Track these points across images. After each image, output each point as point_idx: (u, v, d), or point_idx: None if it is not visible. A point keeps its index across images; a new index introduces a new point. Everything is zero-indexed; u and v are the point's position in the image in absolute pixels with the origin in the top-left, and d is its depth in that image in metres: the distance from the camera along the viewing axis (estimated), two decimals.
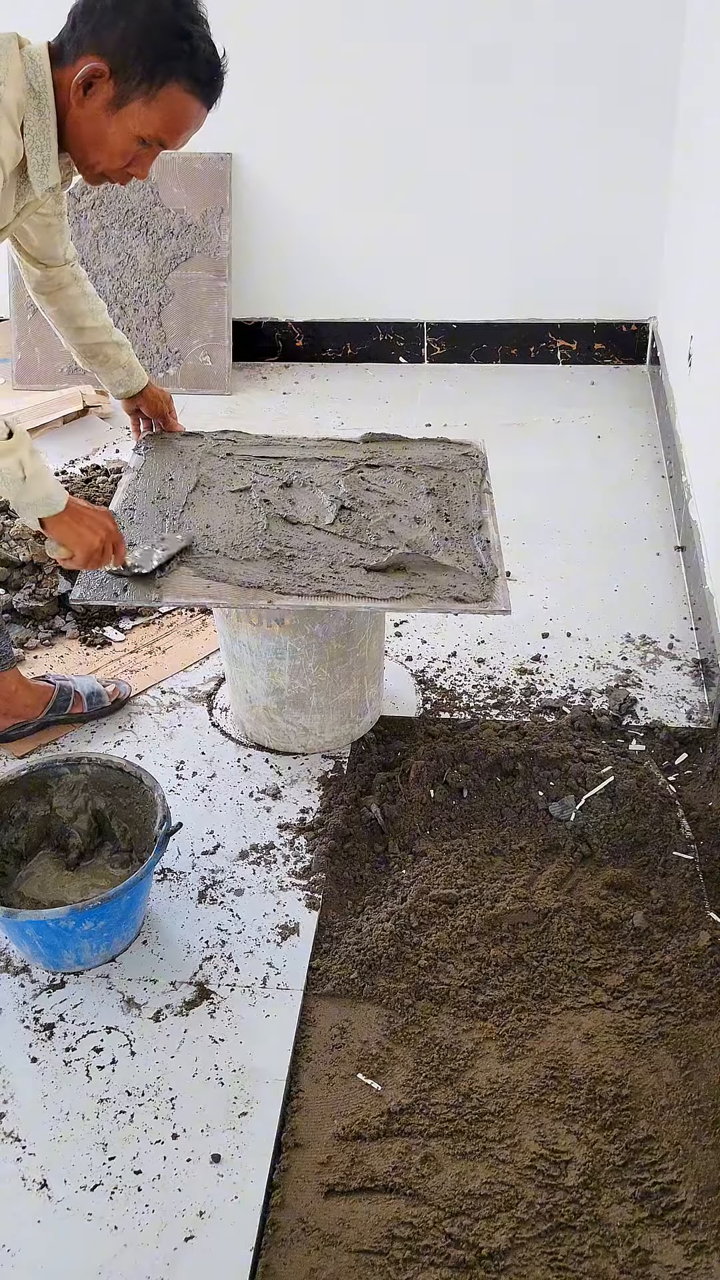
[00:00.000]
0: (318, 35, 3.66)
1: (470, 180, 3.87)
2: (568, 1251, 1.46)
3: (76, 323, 2.16)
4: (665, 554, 3.01)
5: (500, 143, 3.79)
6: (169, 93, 1.66)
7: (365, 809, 2.15)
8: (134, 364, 2.26)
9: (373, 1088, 1.67)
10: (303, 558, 2.03)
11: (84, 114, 1.67)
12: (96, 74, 1.63)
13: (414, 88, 3.73)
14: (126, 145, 1.70)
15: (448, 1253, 1.46)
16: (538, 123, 3.74)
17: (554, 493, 3.31)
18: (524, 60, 3.65)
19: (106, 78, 1.64)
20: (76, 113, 1.68)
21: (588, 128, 3.73)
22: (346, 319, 4.16)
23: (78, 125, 1.69)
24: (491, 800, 2.16)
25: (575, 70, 3.64)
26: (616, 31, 3.57)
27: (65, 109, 1.68)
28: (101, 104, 1.66)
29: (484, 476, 2.30)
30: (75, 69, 1.64)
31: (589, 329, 4.08)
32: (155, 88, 1.65)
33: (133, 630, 2.74)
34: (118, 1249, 1.49)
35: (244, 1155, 1.60)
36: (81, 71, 1.63)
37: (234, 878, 2.04)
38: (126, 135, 1.69)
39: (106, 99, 1.66)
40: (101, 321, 2.18)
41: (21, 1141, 1.63)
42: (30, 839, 2.01)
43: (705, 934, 1.87)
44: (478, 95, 3.72)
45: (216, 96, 1.73)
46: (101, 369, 2.23)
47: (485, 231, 3.95)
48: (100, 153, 1.72)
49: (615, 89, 3.66)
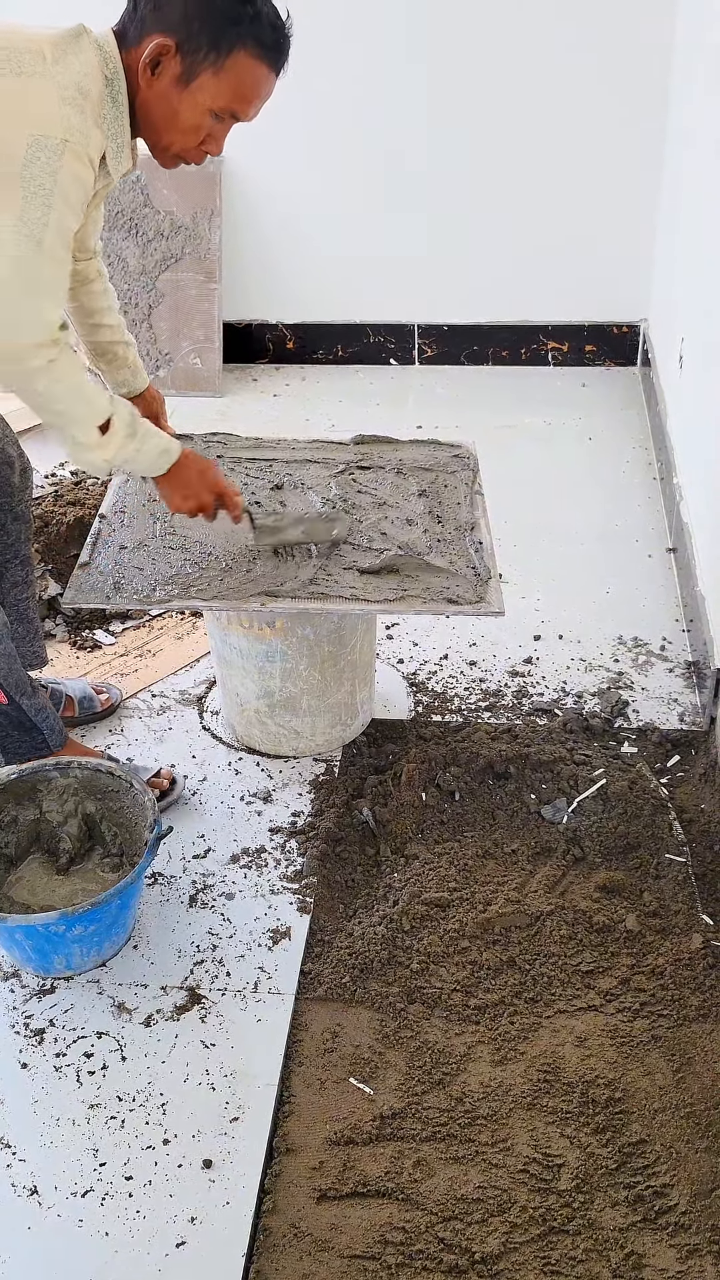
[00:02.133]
0: (308, 37, 3.64)
1: (462, 182, 3.87)
2: (560, 1255, 1.45)
3: (95, 319, 2.12)
4: (657, 556, 3.01)
5: (492, 145, 3.79)
6: (236, 60, 1.63)
7: (357, 812, 2.14)
8: (139, 364, 2.26)
9: (365, 1092, 1.67)
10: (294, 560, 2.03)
11: (154, 94, 1.66)
12: (163, 50, 1.61)
13: (405, 89, 3.73)
14: (199, 120, 1.68)
15: (440, 1257, 1.45)
16: (529, 125, 3.74)
17: (545, 495, 3.31)
18: (515, 63, 3.65)
19: (173, 53, 1.62)
20: (146, 94, 1.66)
21: (579, 130, 3.73)
22: (337, 321, 4.16)
23: (149, 107, 1.67)
24: (483, 803, 2.16)
25: (566, 73, 3.64)
26: (607, 34, 3.57)
27: (135, 92, 1.66)
28: (170, 81, 1.64)
29: (475, 478, 2.30)
30: (141, 50, 1.62)
31: (580, 331, 4.09)
32: (222, 57, 1.62)
33: (123, 633, 2.74)
34: (109, 1255, 1.48)
35: (235, 1160, 1.59)
36: (148, 50, 1.61)
37: (225, 882, 2.04)
38: (198, 110, 1.67)
39: (175, 75, 1.64)
40: (116, 320, 2.18)
41: (11, 1148, 1.62)
42: (20, 843, 2.00)
43: (698, 936, 1.87)
44: (469, 98, 3.72)
45: (284, 62, 1.70)
46: (109, 367, 2.22)
47: (476, 233, 3.95)
48: (174, 132, 1.70)
49: (606, 91, 3.66)
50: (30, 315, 1.58)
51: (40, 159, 1.52)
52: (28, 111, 1.53)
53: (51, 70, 1.56)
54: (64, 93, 1.56)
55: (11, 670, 1.98)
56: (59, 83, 1.56)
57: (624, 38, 3.57)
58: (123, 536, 2.10)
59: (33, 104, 1.54)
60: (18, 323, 1.58)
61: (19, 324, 1.58)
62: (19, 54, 1.55)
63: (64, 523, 2.82)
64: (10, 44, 1.56)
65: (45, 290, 1.59)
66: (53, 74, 1.56)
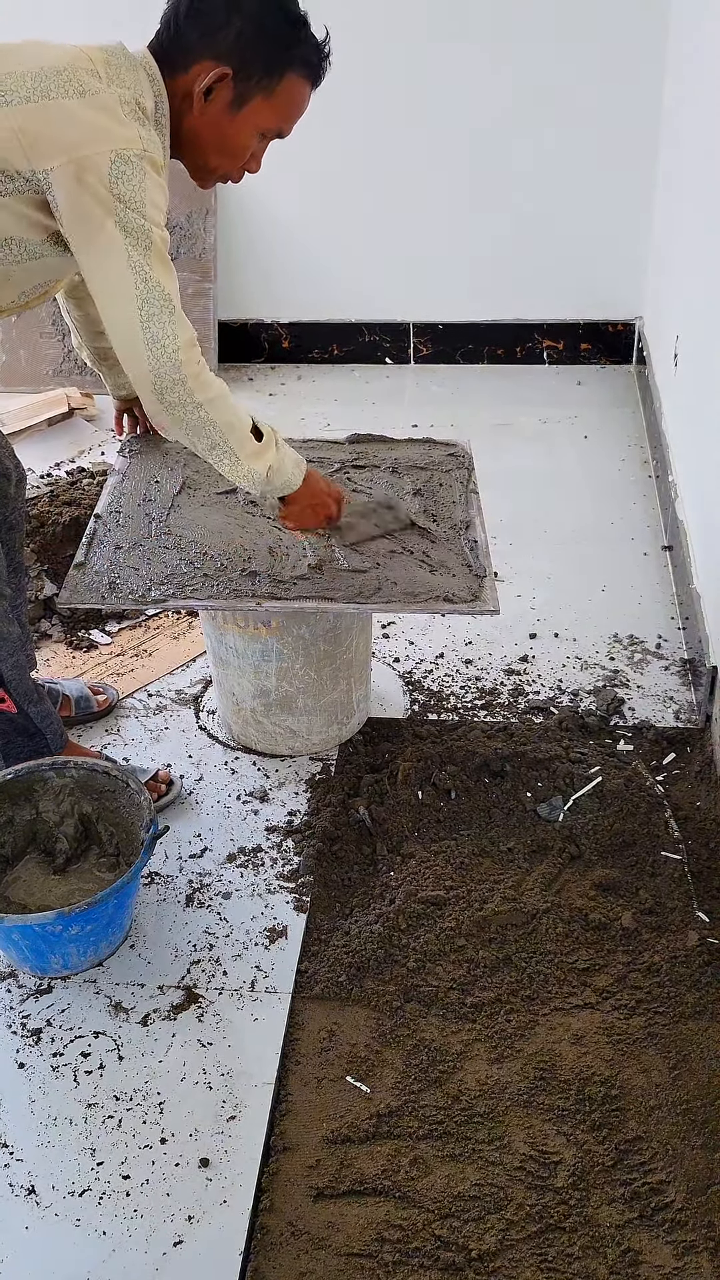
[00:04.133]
0: None
1: (457, 181, 3.87)
2: (557, 1253, 1.46)
3: (99, 327, 2.10)
4: (652, 554, 3.01)
5: (487, 144, 3.79)
6: (288, 84, 1.64)
7: (353, 811, 2.14)
8: None
9: (362, 1090, 1.67)
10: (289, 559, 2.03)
11: (205, 120, 1.65)
12: (220, 78, 1.61)
13: (399, 89, 3.73)
14: (248, 143, 1.69)
15: (437, 1255, 1.46)
16: (525, 123, 3.75)
17: (541, 493, 3.31)
18: (510, 61, 3.65)
19: (228, 81, 1.61)
20: (197, 120, 1.65)
21: (574, 128, 3.73)
22: (333, 320, 4.16)
23: (197, 132, 1.66)
24: (479, 801, 2.16)
25: (560, 71, 3.64)
26: (601, 33, 3.57)
27: (179, 116, 1.65)
28: (222, 107, 1.64)
29: (470, 477, 2.30)
30: (190, 77, 1.61)
31: (575, 329, 4.09)
32: (274, 81, 1.63)
33: (119, 633, 2.74)
34: (106, 1254, 1.49)
35: (233, 1159, 1.59)
36: (206, 79, 1.60)
37: (221, 881, 2.04)
38: (249, 134, 1.67)
39: (226, 102, 1.63)
40: None
41: (9, 1147, 1.62)
42: (17, 843, 2.00)
43: (693, 934, 1.88)
44: (464, 96, 3.72)
45: (324, 76, 1.71)
46: (110, 371, 2.23)
47: (471, 232, 3.95)
48: (222, 155, 1.70)
49: (600, 89, 3.66)
50: (168, 328, 1.58)
51: (126, 174, 1.52)
52: (102, 129, 1.52)
53: (110, 88, 1.55)
54: (126, 108, 1.56)
55: (22, 680, 1.98)
56: (121, 99, 1.55)
57: (618, 37, 3.57)
58: (118, 536, 2.10)
59: (105, 122, 1.53)
60: (162, 341, 1.58)
61: (162, 342, 1.58)
62: (77, 74, 1.54)
63: (60, 523, 2.82)
64: (62, 64, 1.54)
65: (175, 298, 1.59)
66: (113, 91, 1.55)
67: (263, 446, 1.75)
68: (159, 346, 1.58)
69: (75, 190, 1.51)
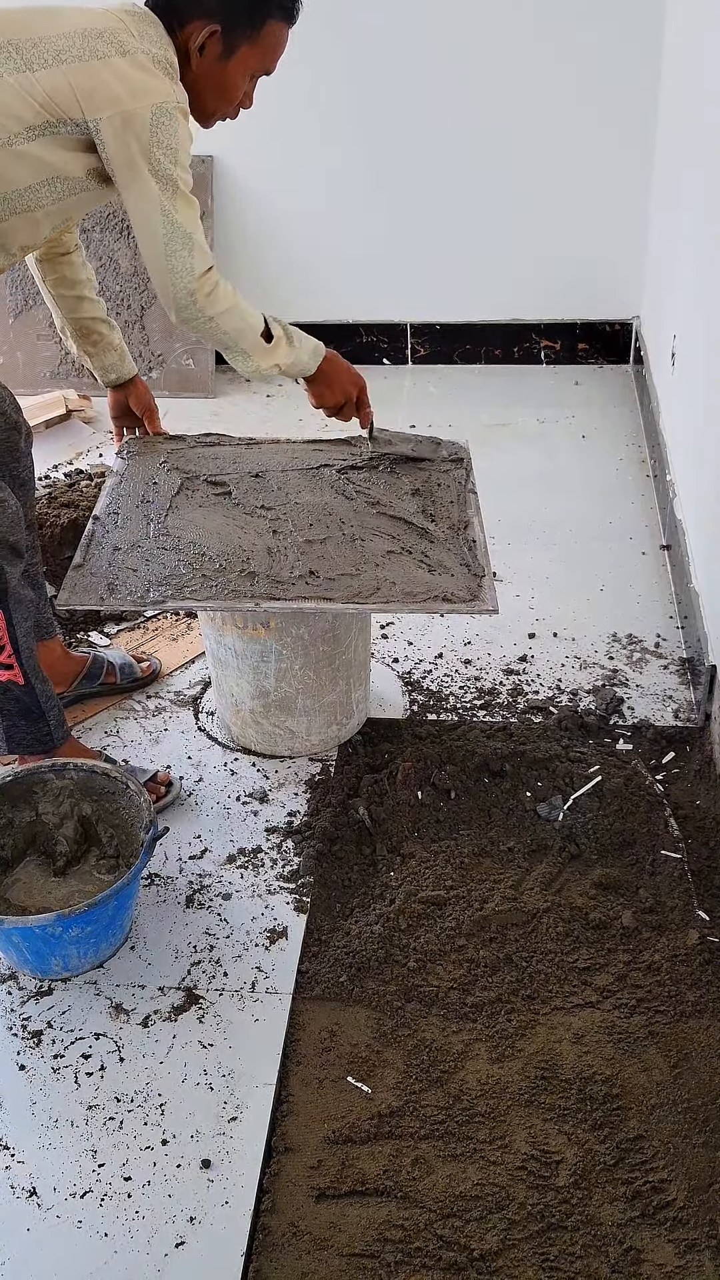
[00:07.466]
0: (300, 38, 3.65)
1: (453, 182, 3.87)
2: (559, 1252, 1.46)
3: (77, 290, 2.21)
4: (651, 553, 3.01)
5: (484, 144, 3.79)
6: (269, 30, 1.87)
7: (353, 812, 2.14)
8: (125, 348, 2.31)
9: (363, 1090, 1.67)
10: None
11: (201, 71, 1.88)
12: (212, 34, 1.83)
13: (397, 90, 3.73)
14: (240, 84, 1.92)
15: (439, 1255, 1.46)
16: (521, 124, 3.75)
17: (539, 493, 3.31)
18: (507, 62, 3.66)
19: (218, 35, 1.83)
20: (194, 72, 1.88)
21: (571, 128, 3.73)
22: (330, 321, 4.16)
23: (195, 81, 1.89)
24: (479, 801, 2.16)
25: (557, 71, 3.65)
26: (598, 34, 3.57)
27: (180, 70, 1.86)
28: (213, 58, 1.86)
29: (468, 476, 2.30)
30: (185, 34, 1.84)
31: (573, 329, 4.09)
32: (257, 30, 1.86)
33: (118, 635, 2.74)
34: (108, 1256, 1.49)
35: (234, 1160, 1.59)
36: (200, 37, 1.83)
37: (221, 882, 2.04)
38: (240, 77, 1.90)
39: (217, 54, 1.86)
40: (97, 296, 2.25)
41: (10, 1149, 1.62)
42: (16, 845, 2.00)
43: (694, 932, 1.88)
44: (461, 98, 3.72)
45: (298, 14, 1.91)
46: (94, 350, 2.25)
47: (469, 232, 3.96)
48: (220, 100, 1.93)
49: (598, 89, 3.66)
50: (186, 261, 1.84)
51: (164, 123, 1.76)
52: (144, 86, 1.75)
53: (144, 45, 1.78)
54: (159, 65, 1.78)
55: (32, 652, 2.00)
56: (154, 57, 1.78)
57: (616, 37, 3.57)
58: (116, 538, 2.10)
59: (145, 79, 1.75)
60: (180, 270, 1.84)
61: (181, 270, 1.84)
62: (117, 34, 1.77)
63: (58, 525, 2.82)
64: (102, 26, 1.77)
65: (194, 234, 1.84)
66: (145, 49, 1.78)
67: (272, 347, 1.98)
68: (177, 274, 1.85)
69: (122, 137, 1.75)
